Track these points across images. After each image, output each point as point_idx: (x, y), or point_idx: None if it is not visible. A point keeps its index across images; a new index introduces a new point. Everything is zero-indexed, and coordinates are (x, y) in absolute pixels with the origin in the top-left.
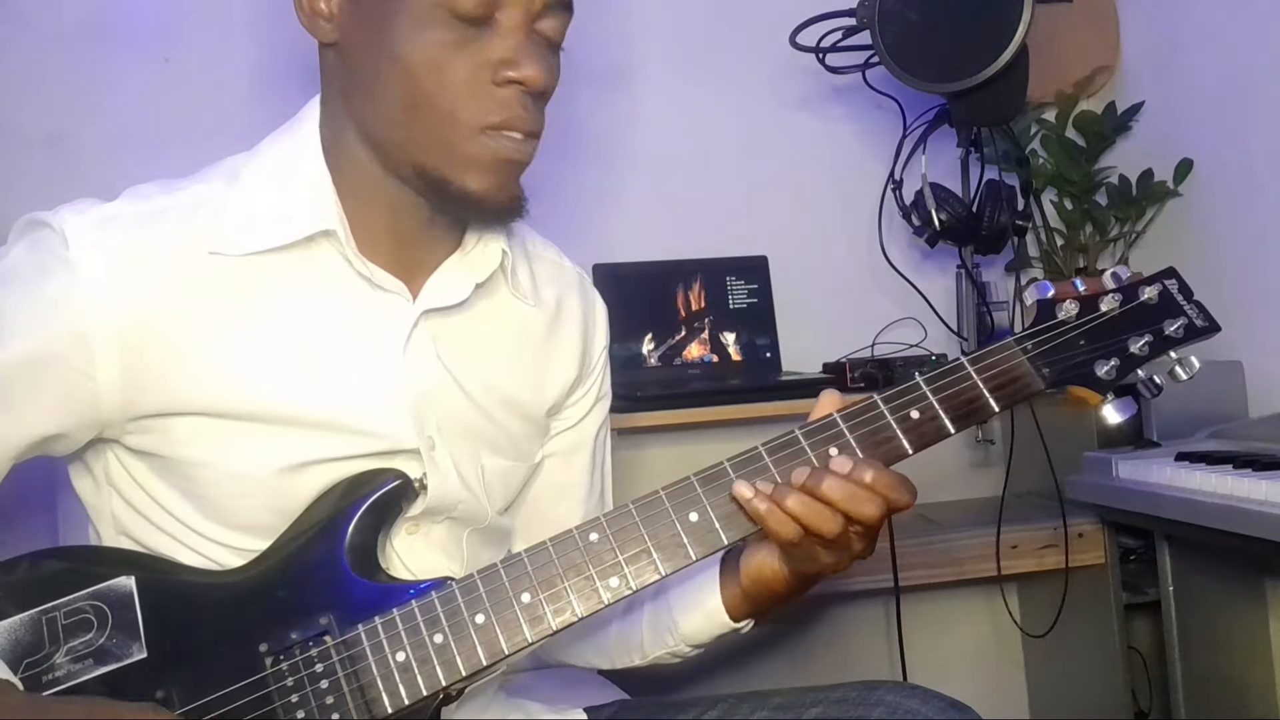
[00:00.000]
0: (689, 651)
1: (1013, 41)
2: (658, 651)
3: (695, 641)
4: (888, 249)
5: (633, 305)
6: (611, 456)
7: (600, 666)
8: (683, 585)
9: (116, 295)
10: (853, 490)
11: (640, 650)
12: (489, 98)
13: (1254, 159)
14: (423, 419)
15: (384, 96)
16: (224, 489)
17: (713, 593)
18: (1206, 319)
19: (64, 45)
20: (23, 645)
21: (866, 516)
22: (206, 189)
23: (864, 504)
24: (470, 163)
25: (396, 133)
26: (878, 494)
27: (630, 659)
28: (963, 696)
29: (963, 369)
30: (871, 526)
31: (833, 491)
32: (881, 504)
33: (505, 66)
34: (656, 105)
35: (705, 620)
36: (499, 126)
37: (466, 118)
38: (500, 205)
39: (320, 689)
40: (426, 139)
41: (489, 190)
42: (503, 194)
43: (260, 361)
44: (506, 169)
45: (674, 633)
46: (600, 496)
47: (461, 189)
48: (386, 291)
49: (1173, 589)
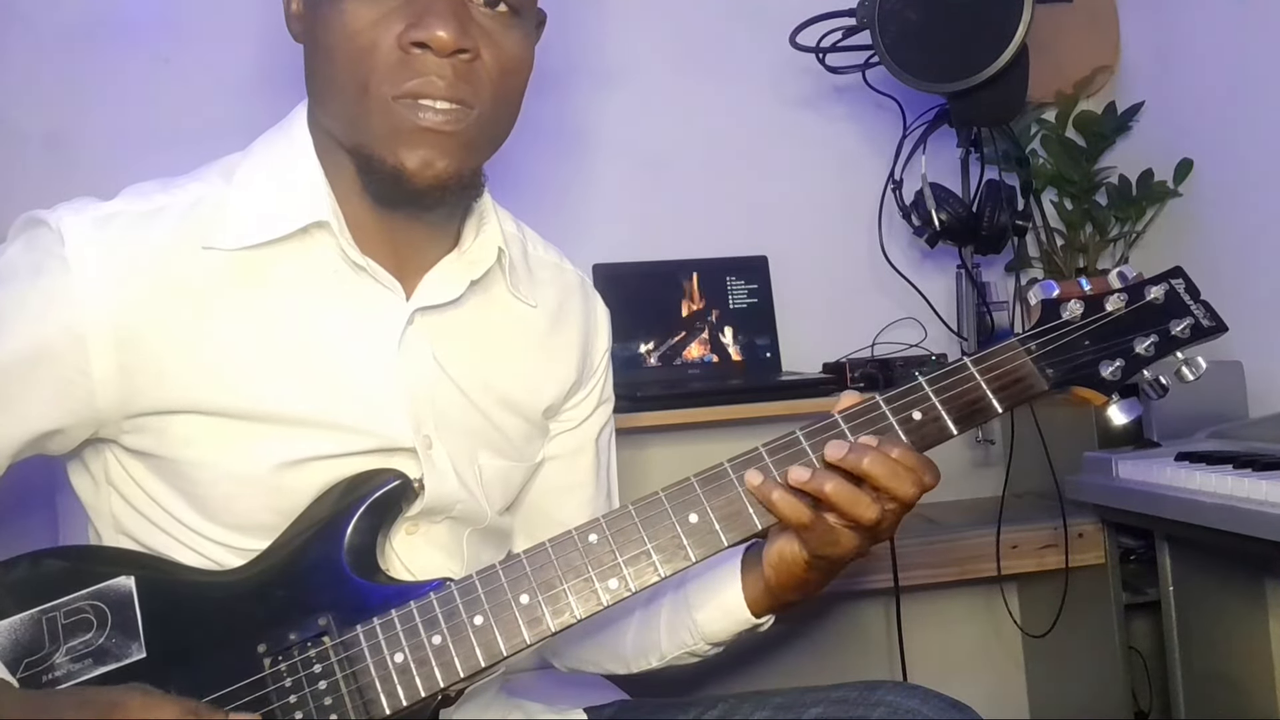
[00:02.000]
0: (708, 650)
1: (1013, 41)
2: (676, 652)
3: (715, 640)
4: (888, 249)
5: (633, 305)
6: None
7: (617, 673)
8: (702, 582)
9: (112, 293)
10: (893, 467)
11: (658, 651)
12: (401, 65)
13: (1254, 159)
14: (419, 418)
15: (322, 83)
16: (221, 488)
17: (734, 588)
18: (1214, 319)
19: (63, 44)
20: (22, 645)
21: (904, 495)
22: (204, 187)
23: (903, 482)
24: (390, 136)
25: (334, 118)
26: (913, 470)
27: (648, 662)
28: (963, 696)
29: (965, 369)
30: (907, 505)
31: (874, 467)
32: (918, 480)
33: (411, 29)
34: (657, 105)
35: (726, 617)
36: (412, 94)
37: (376, 88)
38: (436, 180)
39: (319, 690)
40: (350, 117)
41: (419, 165)
42: (434, 168)
43: (256, 359)
44: (431, 140)
45: (693, 631)
46: (608, 499)
47: (387, 164)
48: (382, 287)
49: (1173, 589)
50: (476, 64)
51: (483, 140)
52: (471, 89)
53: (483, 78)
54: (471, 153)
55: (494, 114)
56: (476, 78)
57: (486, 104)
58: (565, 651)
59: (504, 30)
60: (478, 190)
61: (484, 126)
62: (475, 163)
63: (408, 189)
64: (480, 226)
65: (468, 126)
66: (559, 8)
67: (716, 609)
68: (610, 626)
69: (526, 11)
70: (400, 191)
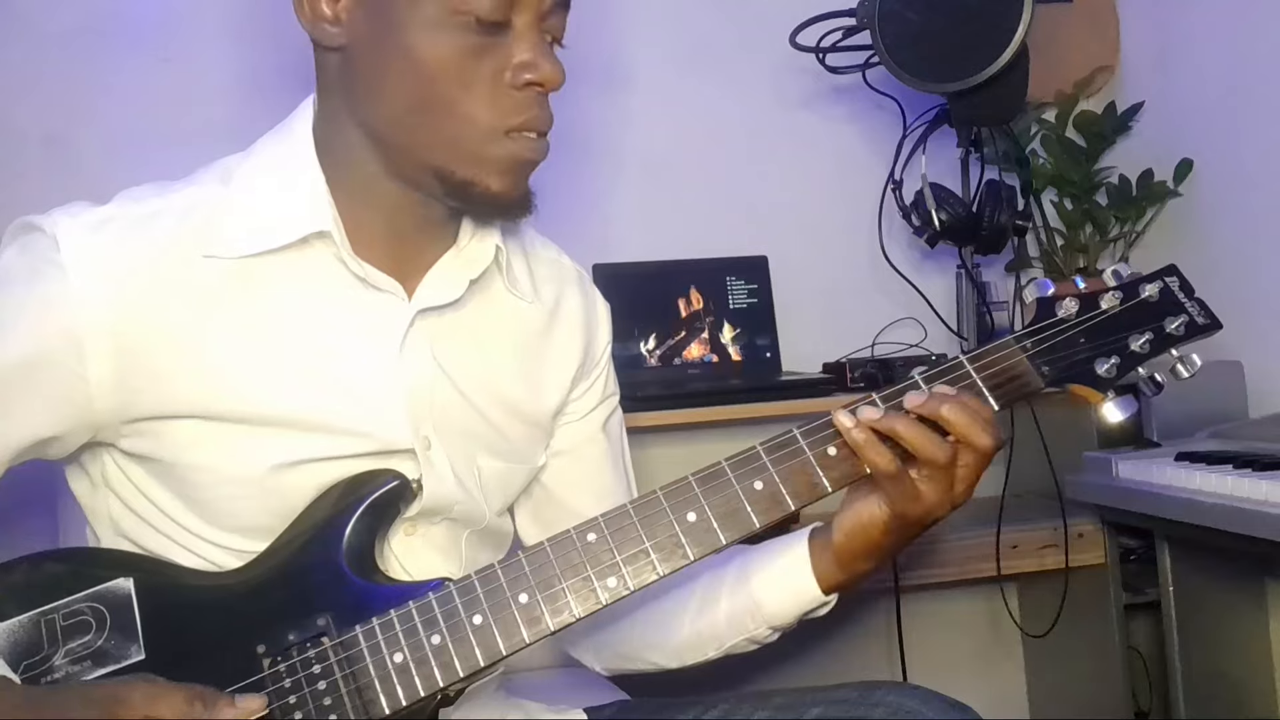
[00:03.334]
0: (768, 635)
1: (1013, 41)
2: (736, 639)
3: (778, 622)
4: (888, 249)
5: (633, 305)
6: None
7: (667, 668)
8: (765, 562)
9: (108, 298)
10: (972, 416)
11: (716, 641)
12: (509, 100)
13: (1254, 159)
14: (418, 419)
15: (395, 100)
16: (220, 492)
17: (802, 566)
18: (1208, 316)
19: (62, 45)
20: (22, 647)
21: (981, 444)
22: (200, 191)
23: (980, 431)
24: (493, 164)
25: (408, 136)
26: (990, 421)
27: (704, 653)
28: (963, 696)
29: (961, 367)
30: (985, 456)
31: (953, 414)
32: (993, 432)
33: (525, 69)
34: (657, 105)
35: (793, 596)
36: (520, 128)
37: (488, 121)
38: (514, 202)
39: (318, 690)
40: (443, 142)
41: (507, 189)
42: (517, 191)
43: (254, 364)
44: (526, 169)
45: (755, 615)
46: (628, 488)
47: (484, 191)
48: (381, 291)
49: (1173, 589)
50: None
51: None
52: (553, 119)
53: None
54: None
55: None
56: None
57: None
58: (606, 650)
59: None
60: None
61: None
62: None
63: (498, 209)
64: (478, 224)
65: (546, 152)
66: None
67: (783, 589)
68: (662, 617)
69: None
70: (489, 211)
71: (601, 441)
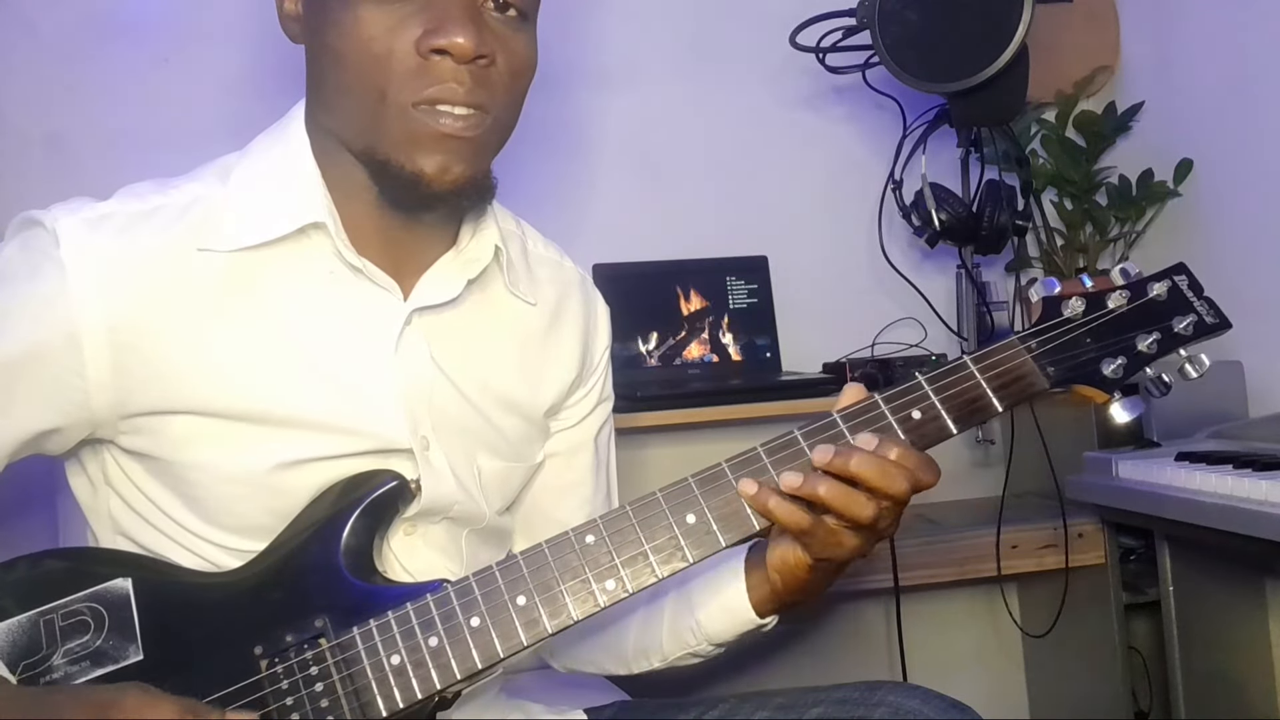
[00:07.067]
0: (711, 651)
1: (1013, 41)
2: (678, 652)
3: (718, 640)
4: (888, 249)
5: (633, 305)
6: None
7: (617, 673)
8: (705, 582)
9: (106, 294)
10: (882, 466)
11: (660, 652)
12: (419, 71)
13: (1254, 159)
14: (416, 419)
15: (331, 87)
16: (218, 490)
17: (738, 588)
18: (1217, 316)
19: (63, 45)
20: (20, 647)
21: (897, 493)
22: (199, 187)
23: (895, 480)
24: (408, 142)
25: (344, 122)
26: (906, 469)
27: (649, 662)
28: (963, 696)
29: (965, 368)
30: (900, 503)
31: (862, 468)
32: (911, 478)
33: (430, 36)
34: (656, 105)
35: (730, 617)
36: (431, 100)
37: (395, 95)
38: (453, 185)
39: (315, 691)
40: (365, 123)
41: (437, 170)
42: (451, 173)
43: (252, 360)
44: (449, 145)
45: (696, 632)
46: (607, 498)
47: (405, 170)
48: (378, 287)
49: (1173, 589)
50: (491, 69)
51: (494, 143)
52: (487, 94)
53: (496, 82)
54: (485, 156)
55: (505, 117)
56: (491, 83)
57: (500, 108)
58: (563, 652)
59: (514, 34)
60: (490, 193)
61: (496, 130)
62: (487, 165)
63: (425, 193)
64: (478, 225)
65: (484, 131)
66: (559, 8)
67: (720, 609)
68: (611, 627)
69: (532, 14)
70: (416, 196)
71: (589, 451)
